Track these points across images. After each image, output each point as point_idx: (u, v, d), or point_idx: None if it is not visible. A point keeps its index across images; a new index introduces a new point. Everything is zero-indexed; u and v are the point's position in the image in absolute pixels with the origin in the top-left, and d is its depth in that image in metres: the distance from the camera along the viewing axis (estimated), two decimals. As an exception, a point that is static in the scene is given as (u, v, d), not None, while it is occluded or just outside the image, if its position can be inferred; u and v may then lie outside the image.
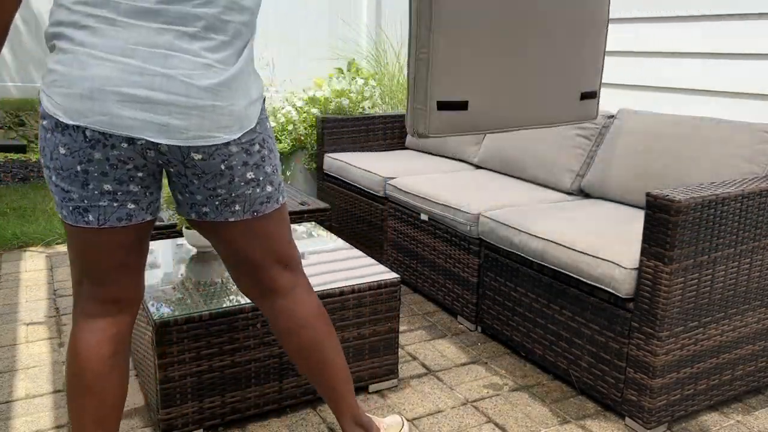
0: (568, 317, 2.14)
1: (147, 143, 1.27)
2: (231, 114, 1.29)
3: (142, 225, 1.39)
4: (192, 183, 1.35)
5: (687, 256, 1.82)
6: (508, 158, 3.09)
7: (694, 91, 3.17)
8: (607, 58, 3.76)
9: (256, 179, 1.39)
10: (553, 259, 2.14)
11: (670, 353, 1.88)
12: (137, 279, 1.46)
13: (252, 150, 1.36)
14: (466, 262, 2.59)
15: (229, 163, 1.33)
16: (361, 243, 3.42)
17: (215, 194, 1.37)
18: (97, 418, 1.43)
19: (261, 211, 1.43)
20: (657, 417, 1.92)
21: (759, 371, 2.14)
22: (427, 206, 2.78)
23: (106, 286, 1.41)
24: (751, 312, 2.04)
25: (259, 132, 1.37)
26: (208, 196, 1.37)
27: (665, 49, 3.34)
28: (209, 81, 1.25)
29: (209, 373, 1.87)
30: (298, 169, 4.32)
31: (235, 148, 1.33)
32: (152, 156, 1.30)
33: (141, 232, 1.40)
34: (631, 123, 2.62)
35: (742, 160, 2.20)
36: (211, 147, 1.30)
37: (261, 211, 1.43)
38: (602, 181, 2.63)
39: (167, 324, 1.78)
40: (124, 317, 1.46)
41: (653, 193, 1.82)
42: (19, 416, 2.00)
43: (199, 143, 1.28)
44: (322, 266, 2.18)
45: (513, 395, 2.16)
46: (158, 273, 2.09)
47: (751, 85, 2.89)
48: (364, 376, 2.13)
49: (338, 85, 4.47)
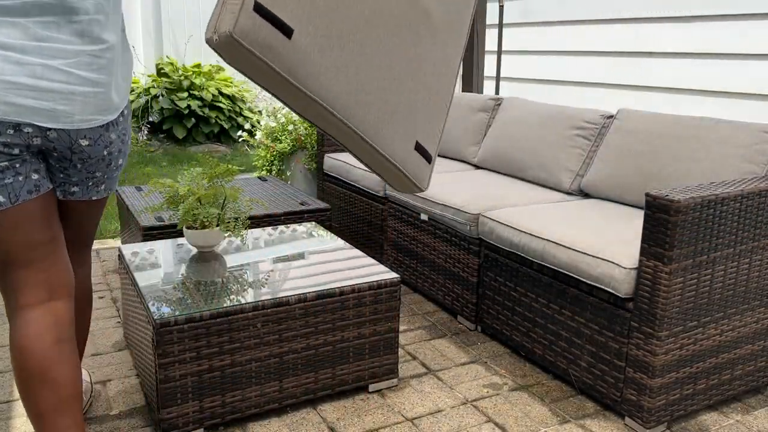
0: (567, 317, 2.15)
1: (34, 131, 1.32)
2: (109, 99, 1.42)
3: (50, 194, 1.46)
4: (75, 167, 1.46)
5: (686, 256, 1.83)
6: (508, 158, 3.10)
7: (695, 92, 3.18)
8: (607, 58, 3.76)
9: (123, 164, 1.59)
10: (553, 259, 2.14)
11: (669, 353, 1.88)
12: (62, 259, 1.49)
13: (125, 139, 1.54)
14: (466, 262, 2.60)
15: (110, 150, 1.49)
16: (361, 243, 3.43)
17: (92, 176, 1.51)
18: (55, 406, 1.44)
19: (113, 189, 1.63)
20: (656, 416, 1.93)
21: (758, 371, 2.14)
22: (427, 206, 2.78)
23: (31, 268, 1.43)
24: (750, 312, 2.04)
25: (126, 117, 1.53)
26: (84, 177, 1.50)
27: (665, 49, 3.34)
28: (86, 68, 1.36)
29: (209, 372, 1.88)
30: (298, 169, 4.32)
31: (114, 135, 1.48)
32: (37, 143, 1.35)
33: (50, 202, 1.46)
34: (630, 123, 2.62)
35: (742, 160, 2.21)
36: (96, 133, 1.43)
37: (113, 190, 1.64)
38: (602, 181, 2.64)
39: (167, 324, 1.79)
40: (57, 304, 1.47)
41: (653, 193, 1.83)
42: (19, 416, 2.01)
43: (83, 126, 1.39)
44: (322, 266, 2.18)
45: (513, 395, 2.17)
46: (158, 273, 2.09)
47: (751, 85, 2.89)
48: (364, 376, 2.13)
49: (338, 86, 4.47)
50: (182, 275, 2.08)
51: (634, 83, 3.56)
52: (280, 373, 1.98)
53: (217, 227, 2.26)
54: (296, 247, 2.37)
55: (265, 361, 1.95)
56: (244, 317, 1.88)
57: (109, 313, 2.76)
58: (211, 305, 1.86)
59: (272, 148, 4.33)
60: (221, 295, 1.93)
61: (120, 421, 1.98)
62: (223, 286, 2.00)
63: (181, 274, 2.08)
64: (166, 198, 2.29)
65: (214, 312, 1.84)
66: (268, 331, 1.93)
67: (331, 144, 3.73)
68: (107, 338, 2.52)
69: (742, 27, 2.89)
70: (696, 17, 3.11)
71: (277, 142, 4.35)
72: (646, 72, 3.42)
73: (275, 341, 1.95)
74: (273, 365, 1.96)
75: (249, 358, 1.92)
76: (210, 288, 1.98)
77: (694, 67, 3.13)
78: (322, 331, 2.01)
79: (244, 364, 1.92)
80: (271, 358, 1.96)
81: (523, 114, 3.12)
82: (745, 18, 2.88)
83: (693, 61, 3.14)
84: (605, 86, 3.59)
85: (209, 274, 2.09)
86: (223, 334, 1.87)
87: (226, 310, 1.86)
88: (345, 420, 2.00)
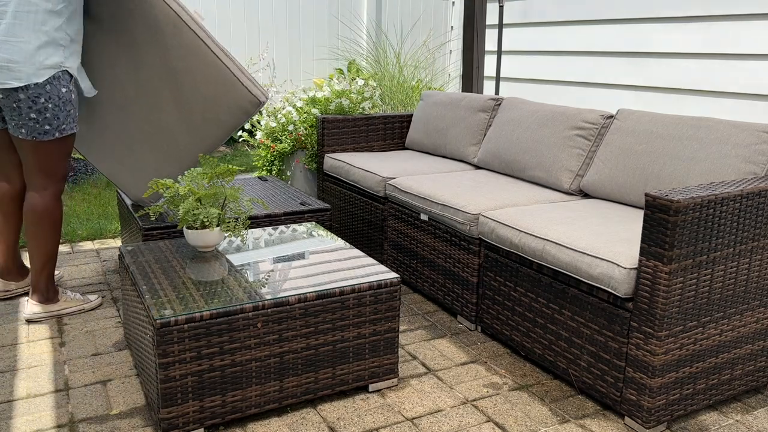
0: (567, 317, 2.15)
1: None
2: (20, 72, 2.32)
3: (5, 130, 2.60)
4: (5, 109, 2.41)
5: (686, 256, 1.83)
6: (508, 158, 3.10)
7: (695, 92, 3.18)
8: (607, 58, 3.76)
9: (36, 119, 2.39)
10: (553, 259, 2.15)
11: (669, 353, 1.88)
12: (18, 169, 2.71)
13: (38, 101, 2.37)
14: (466, 262, 2.60)
15: (18, 105, 2.36)
16: (361, 243, 3.43)
17: (11, 119, 2.41)
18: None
19: (38, 138, 2.43)
20: (656, 416, 1.93)
21: (758, 371, 2.14)
22: (427, 206, 2.78)
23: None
24: (750, 312, 2.04)
25: (47, 92, 2.37)
26: (9, 119, 2.42)
27: (665, 49, 3.34)
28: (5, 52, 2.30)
29: (210, 372, 1.88)
30: (299, 169, 4.32)
31: (22, 95, 2.35)
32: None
33: (5, 133, 2.61)
34: (630, 123, 2.62)
35: (742, 160, 2.21)
36: (7, 93, 2.34)
37: (38, 138, 2.43)
38: (601, 181, 2.64)
39: (168, 324, 1.79)
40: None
41: (652, 193, 1.83)
42: (20, 415, 2.01)
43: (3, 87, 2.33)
44: (322, 266, 2.19)
45: (513, 394, 2.17)
46: (158, 273, 2.09)
47: (751, 85, 2.89)
48: (364, 376, 2.13)
49: (338, 86, 4.47)
50: (182, 275, 2.08)
51: (634, 83, 3.56)
52: (280, 372, 1.98)
53: (217, 227, 2.26)
54: (296, 247, 2.37)
55: (265, 361, 1.95)
56: (244, 317, 1.88)
57: (109, 313, 2.76)
58: (211, 305, 1.86)
59: (272, 148, 4.33)
60: (221, 295, 1.93)
61: (120, 420, 1.98)
62: (223, 286, 2.00)
63: (181, 274, 2.08)
64: (167, 198, 2.29)
65: (215, 312, 1.84)
66: (268, 331, 1.93)
67: (332, 144, 3.73)
68: (107, 338, 2.53)
69: (741, 27, 2.89)
70: (696, 17, 3.11)
71: (277, 142, 4.35)
72: (646, 72, 3.42)
73: (275, 341, 1.95)
74: (273, 365, 1.97)
75: (249, 358, 1.92)
76: (210, 288, 1.99)
77: (694, 67, 3.13)
78: (322, 331, 2.01)
79: (244, 364, 1.92)
80: (271, 358, 1.96)
81: (523, 114, 3.12)
82: (745, 18, 2.88)
83: (693, 61, 3.14)
84: (605, 86, 3.59)
85: (209, 274, 2.09)
86: (224, 333, 1.87)
87: (226, 310, 1.86)
88: (345, 420, 2.00)
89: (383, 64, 5.52)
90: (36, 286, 2.65)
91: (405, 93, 5.16)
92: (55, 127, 2.42)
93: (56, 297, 2.72)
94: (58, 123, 2.42)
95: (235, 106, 2.67)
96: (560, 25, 4.16)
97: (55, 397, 2.12)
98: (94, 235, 3.81)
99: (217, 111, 2.68)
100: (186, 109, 2.69)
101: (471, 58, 4.28)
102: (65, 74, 2.41)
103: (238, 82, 2.66)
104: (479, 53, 4.27)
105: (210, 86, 2.65)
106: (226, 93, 2.66)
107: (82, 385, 2.19)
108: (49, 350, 2.43)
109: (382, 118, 3.88)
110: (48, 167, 2.52)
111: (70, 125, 2.48)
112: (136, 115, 2.73)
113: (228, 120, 2.69)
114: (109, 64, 2.72)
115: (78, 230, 3.84)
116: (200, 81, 2.65)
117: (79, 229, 3.85)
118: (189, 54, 2.63)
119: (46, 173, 2.53)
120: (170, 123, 2.72)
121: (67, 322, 2.66)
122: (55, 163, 2.53)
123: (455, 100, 3.65)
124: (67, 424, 1.96)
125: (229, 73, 2.66)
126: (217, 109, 2.68)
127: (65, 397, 2.11)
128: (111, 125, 2.76)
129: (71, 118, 2.48)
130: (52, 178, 2.55)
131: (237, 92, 2.66)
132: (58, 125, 2.43)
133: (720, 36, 2.97)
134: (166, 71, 2.65)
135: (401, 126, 3.96)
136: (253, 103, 2.68)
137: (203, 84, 2.65)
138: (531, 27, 4.44)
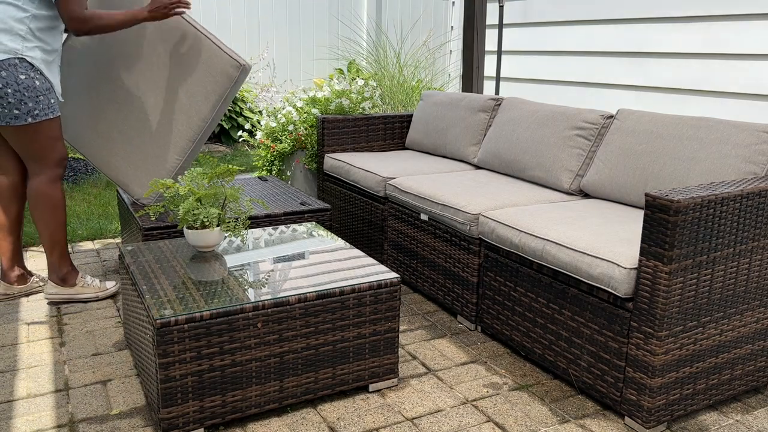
0: (567, 317, 2.15)
1: None
2: None
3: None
4: None
5: (686, 256, 1.83)
6: (508, 158, 3.10)
7: (695, 92, 3.18)
8: (607, 58, 3.77)
9: (1, 104, 2.45)
10: (553, 258, 2.15)
11: (669, 353, 1.88)
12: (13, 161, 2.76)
13: (6, 90, 2.43)
14: (466, 262, 2.60)
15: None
16: (361, 243, 3.43)
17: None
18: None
19: (12, 123, 2.49)
20: (656, 416, 1.93)
21: (758, 371, 2.14)
22: (427, 206, 2.78)
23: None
24: (750, 312, 2.04)
25: (3, 78, 2.41)
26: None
27: (665, 49, 3.34)
28: None
29: (210, 372, 1.88)
30: (299, 169, 4.32)
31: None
32: None
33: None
34: (630, 123, 2.62)
35: (742, 160, 2.21)
36: None
37: (12, 123, 2.50)
38: (601, 181, 2.64)
39: (168, 324, 1.79)
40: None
41: (652, 193, 1.83)
42: (20, 415, 2.01)
43: None
44: (322, 266, 2.19)
45: (513, 394, 2.17)
46: (158, 273, 2.09)
47: (751, 85, 2.89)
48: (364, 376, 2.13)
49: (338, 86, 4.47)
50: (182, 275, 2.08)
51: (634, 83, 3.56)
52: (280, 372, 1.98)
53: (217, 227, 2.26)
54: (296, 247, 2.37)
55: (266, 360, 1.95)
56: (244, 317, 1.88)
57: (109, 313, 2.76)
58: (211, 305, 1.86)
59: (272, 148, 4.33)
60: (221, 295, 1.93)
61: (120, 420, 1.98)
62: (223, 286, 2.00)
63: (181, 274, 2.08)
64: (167, 198, 2.29)
65: (215, 312, 1.84)
66: (269, 331, 1.93)
67: (332, 144, 3.73)
68: (107, 338, 2.53)
69: (742, 27, 2.89)
70: (696, 17, 3.11)
71: (277, 142, 4.35)
72: (646, 72, 3.42)
73: (275, 341, 1.95)
74: (273, 365, 1.97)
75: (249, 358, 1.92)
76: (210, 288, 1.99)
77: (694, 67, 3.13)
78: (322, 331, 2.01)
79: (244, 364, 1.92)
80: (271, 358, 1.96)
81: (523, 114, 3.12)
82: (745, 18, 2.88)
83: (693, 61, 3.14)
84: (605, 86, 3.59)
85: (209, 274, 2.09)
86: (224, 333, 1.87)
87: (226, 310, 1.86)
88: (345, 420, 2.00)
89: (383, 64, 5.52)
90: (50, 266, 2.79)
91: (405, 93, 5.16)
92: (25, 112, 2.48)
93: (73, 280, 2.82)
94: (27, 108, 2.48)
95: (219, 72, 2.77)
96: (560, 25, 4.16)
97: (55, 397, 2.12)
98: (94, 235, 3.81)
99: (204, 83, 2.78)
100: (170, 91, 2.80)
101: (471, 58, 4.28)
102: (23, 62, 2.45)
103: (219, 49, 2.77)
104: (479, 53, 4.27)
105: (192, 58, 2.76)
106: (209, 60, 2.76)
107: (82, 385, 2.19)
108: (49, 350, 2.43)
109: (382, 118, 3.88)
110: (35, 153, 2.60)
111: (43, 111, 2.52)
112: (131, 109, 2.84)
113: (214, 89, 2.78)
114: (105, 62, 2.81)
115: (78, 230, 3.84)
116: (184, 54, 2.77)
117: (79, 229, 3.85)
118: (170, 30, 2.77)
119: (35, 159, 2.62)
120: (160, 108, 2.82)
121: (67, 322, 2.66)
122: (41, 148, 2.59)
123: (455, 100, 3.65)
124: (67, 424, 1.96)
125: (209, 42, 2.77)
126: (202, 80, 2.78)
127: (65, 397, 2.12)
128: (110, 122, 2.83)
129: (43, 105, 2.52)
130: (42, 162, 2.63)
131: (218, 58, 2.76)
132: (28, 110, 2.48)
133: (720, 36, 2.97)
134: (154, 55, 2.79)
135: (401, 126, 3.96)
136: (235, 66, 2.77)
137: (186, 57, 2.77)
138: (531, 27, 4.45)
